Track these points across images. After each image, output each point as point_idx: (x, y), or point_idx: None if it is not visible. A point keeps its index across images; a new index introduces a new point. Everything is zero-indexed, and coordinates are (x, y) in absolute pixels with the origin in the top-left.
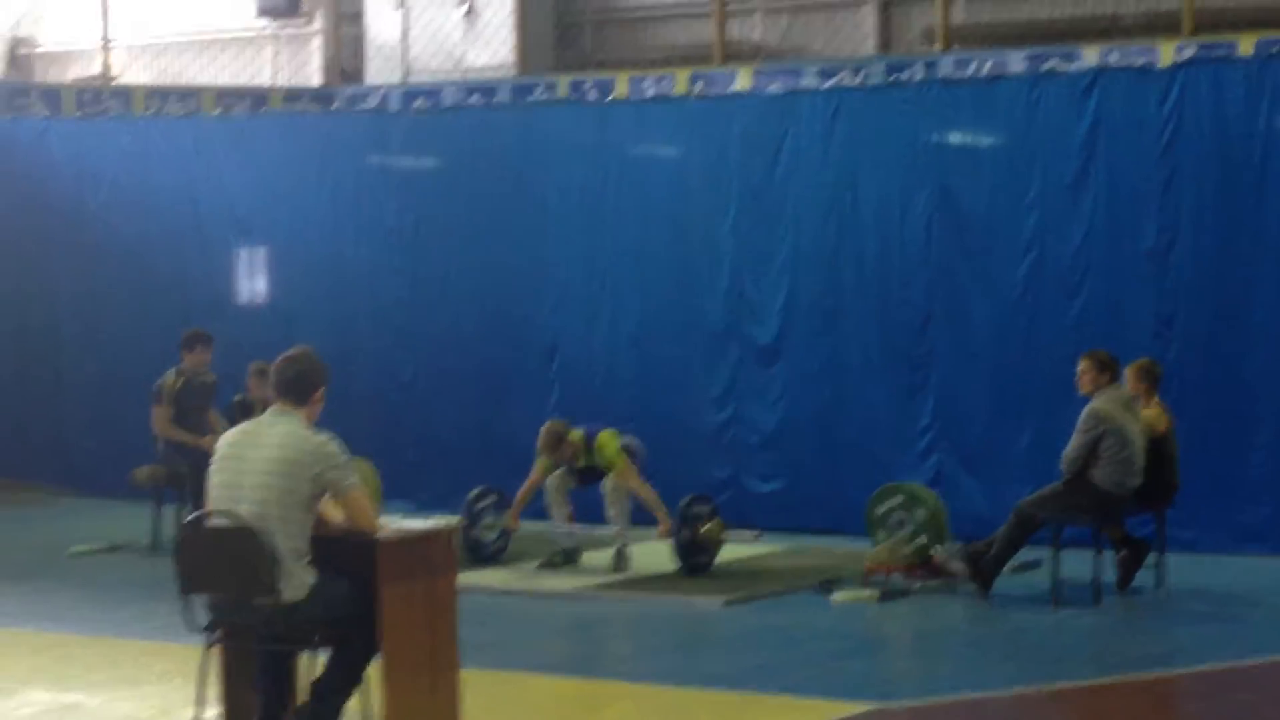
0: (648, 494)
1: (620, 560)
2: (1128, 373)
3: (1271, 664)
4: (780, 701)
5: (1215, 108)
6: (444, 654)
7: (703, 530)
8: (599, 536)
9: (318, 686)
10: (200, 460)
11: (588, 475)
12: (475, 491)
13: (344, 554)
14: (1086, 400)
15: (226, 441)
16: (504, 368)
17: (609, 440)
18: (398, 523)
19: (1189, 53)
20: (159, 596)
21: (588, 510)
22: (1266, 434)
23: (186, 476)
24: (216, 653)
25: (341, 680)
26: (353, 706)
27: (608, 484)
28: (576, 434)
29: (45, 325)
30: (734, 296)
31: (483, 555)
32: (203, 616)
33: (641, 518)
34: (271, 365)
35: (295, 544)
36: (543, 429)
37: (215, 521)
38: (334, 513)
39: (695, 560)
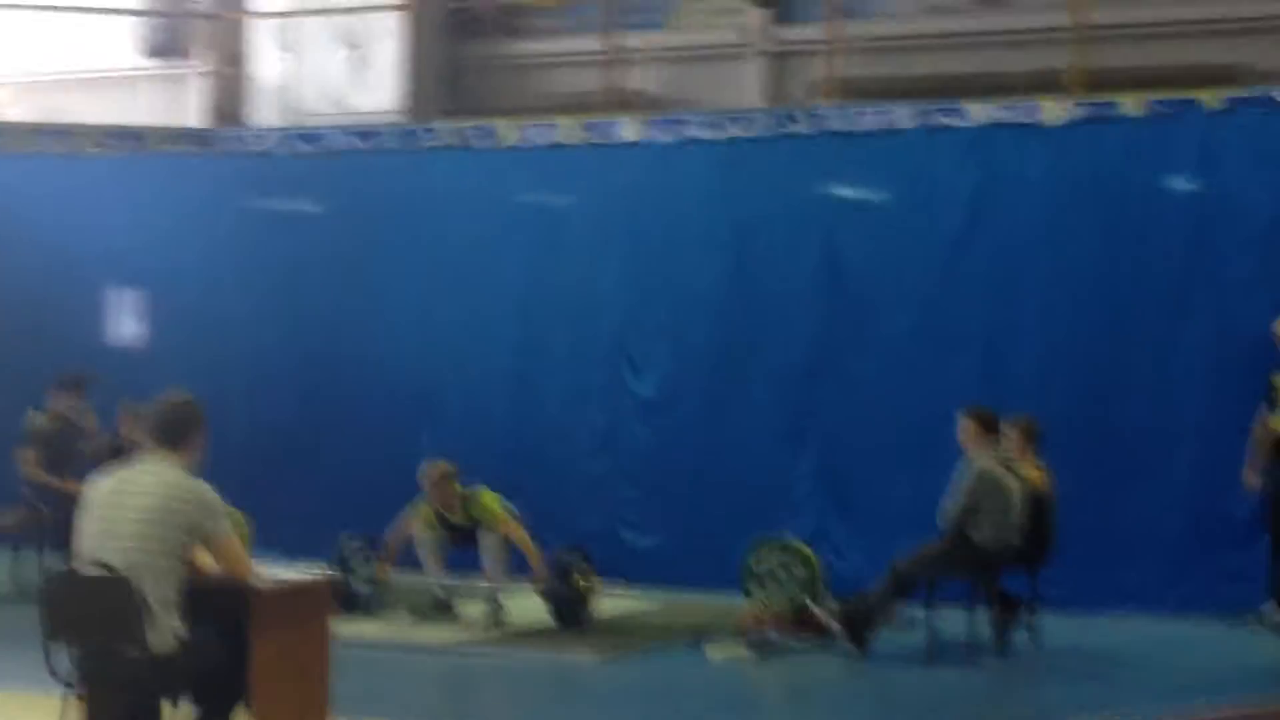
0: (527, 545)
1: (494, 611)
2: (1007, 429)
3: None
4: None
5: (1101, 166)
6: (314, 706)
7: (578, 582)
8: (473, 588)
9: None
10: (65, 505)
11: (460, 534)
12: (344, 537)
13: (215, 602)
14: (964, 454)
15: (98, 488)
16: (380, 415)
17: (491, 497)
18: (274, 571)
19: (1077, 112)
20: (20, 646)
21: (464, 563)
22: (1142, 492)
23: (49, 521)
24: (78, 704)
25: None
26: None
27: (486, 538)
28: (457, 486)
29: None
30: (616, 348)
31: (354, 604)
32: (65, 666)
33: (517, 569)
34: (148, 409)
35: (166, 593)
36: (428, 467)
37: (84, 569)
38: (208, 560)
39: (568, 611)
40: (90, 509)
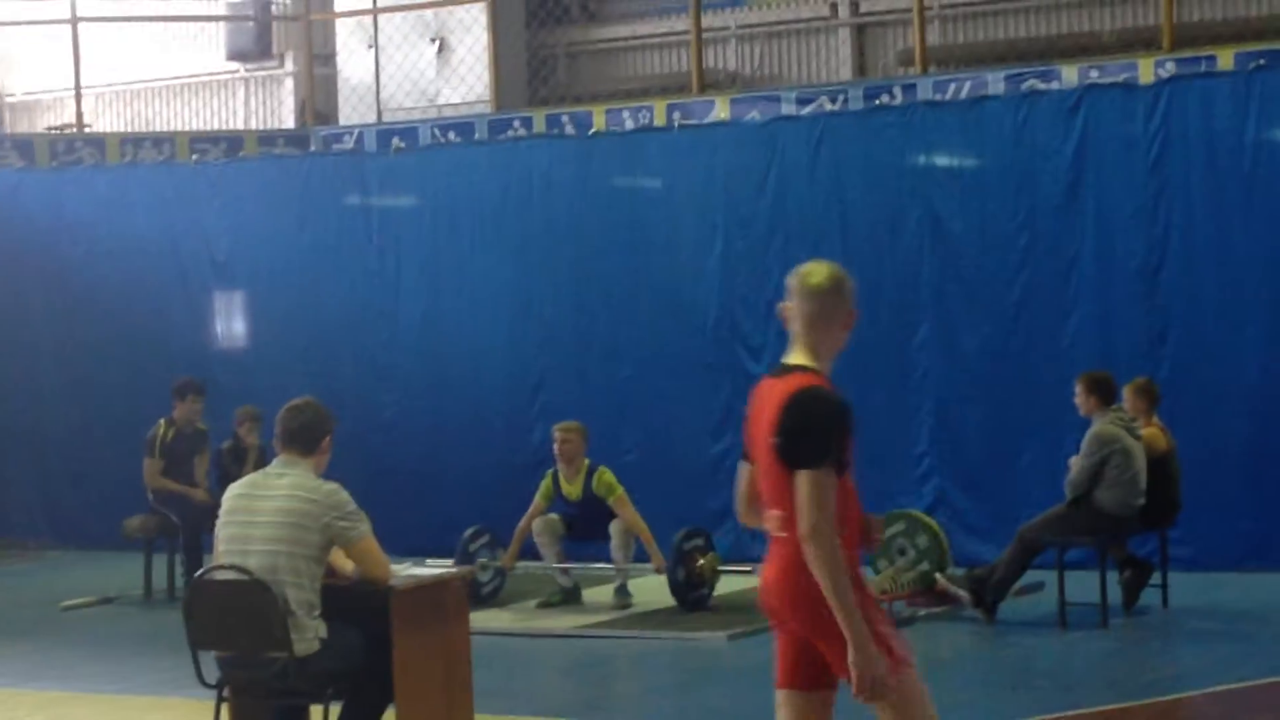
0: (642, 528)
1: (622, 596)
2: (1126, 393)
3: None
4: None
5: (1202, 122)
6: (459, 702)
7: (698, 565)
8: (597, 574)
9: None
10: (190, 511)
11: (574, 513)
12: (469, 532)
13: (355, 604)
14: (1086, 420)
15: (234, 494)
16: (489, 407)
17: (611, 474)
18: (408, 570)
19: (1169, 69)
20: (158, 649)
21: (583, 554)
22: (1261, 448)
23: (178, 527)
24: (228, 709)
25: None
26: None
27: (615, 525)
28: (583, 447)
29: (26, 378)
30: (725, 327)
31: (479, 596)
32: (212, 672)
33: (638, 554)
34: (272, 414)
35: (306, 596)
36: (567, 426)
37: (224, 575)
38: (344, 562)
39: (692, 595)
40: (226, 516)
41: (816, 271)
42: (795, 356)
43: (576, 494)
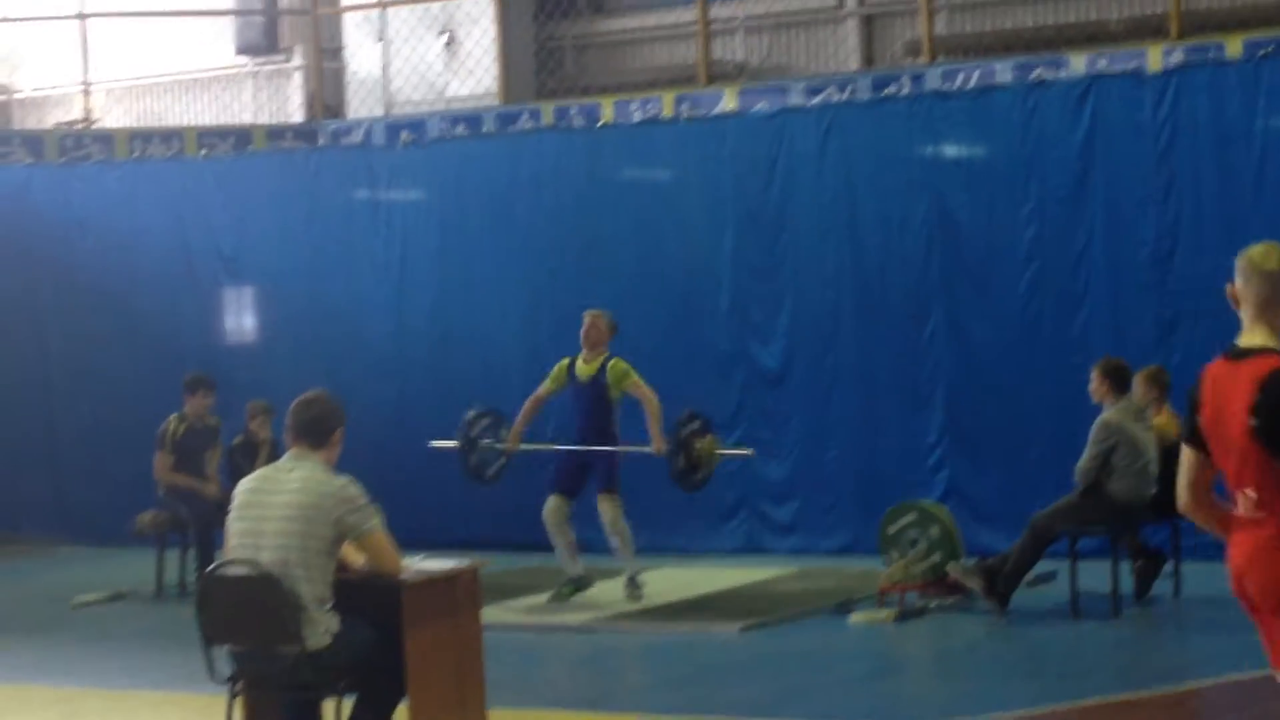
0: (653, 407)
1: (633, 588)
2: (1137, 381)
3: None
4: None
5: (1211, 110)
6: (471, 695)
7: (697, 448)
8: (606, 568)
9: None
10: (201, 506)
11: (580, 398)
12: (471, 414)
13: (366, 597)
14: (1097, 409)
15: (245, 488)
16: (500, 400)
17: (622, 361)
18: (419, 563)
19: (1177, 57)
20: (170, 644)
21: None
22: None
23: (189, 522)
24: (240, 703)
25: None
26: None
27: (605, 514)
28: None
29: (36, 373)
30: (737, 319)
31: (484, 478)
32: (225, 666)
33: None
34: (288, 409)
35: (318, 590)
36: (596, 311)
37: (236, 570)
38: (355, 556)
39: (691, 479)
40: (238, 510)
41: (1269, 254)
42: (1254, 338)
43: (589, 373)
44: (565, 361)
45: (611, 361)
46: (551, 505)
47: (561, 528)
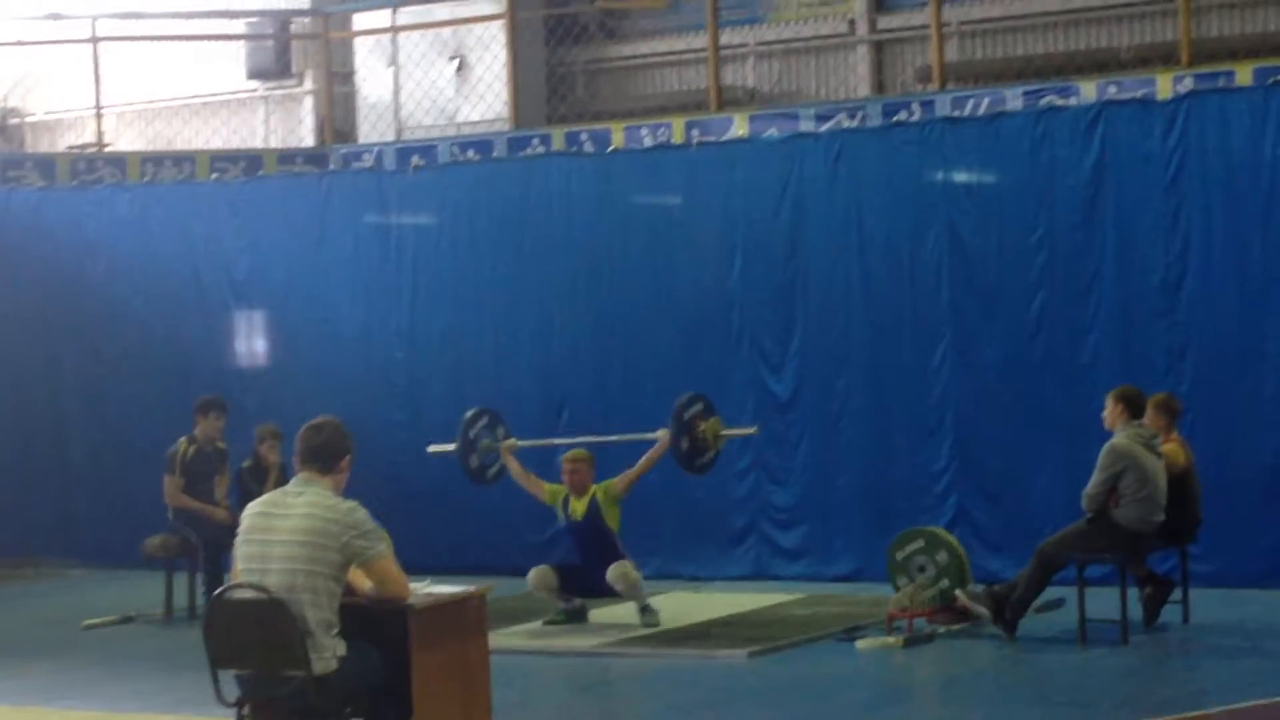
0: (641, 466)
1: (648, 615)
2: (1146, 408)
3: None
4: None
5: (1220, 137)
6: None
7: (700, 430)
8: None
9: None
10: (211, 530)
11: (579, 536)
12: (470, 414)
13: (374, 622)
14: (1106, 436)
15: (252, 512)
16: (511, 425)
17: (603, 485)
18: (426, 589)
19: (1187, 84)
20: (178, 668)
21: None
22: None
23: (198, 546)
24: None
25: None
26: None
27: (613, 571)
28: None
29: (47, 396)
30: (747, 344)
31: (485, 479)
32: (232, 690)
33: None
34: (296, 434)
35: (324, 614)
36: (575, 456)
37: (243, 594)
38: (362, 581)
39: (697, 462)
40: (245, 534)
41: None
42: None
43: (583, 511)
44: (563, 490)
45: (598, 492)
46: (538, 575)
47: (550, 594)
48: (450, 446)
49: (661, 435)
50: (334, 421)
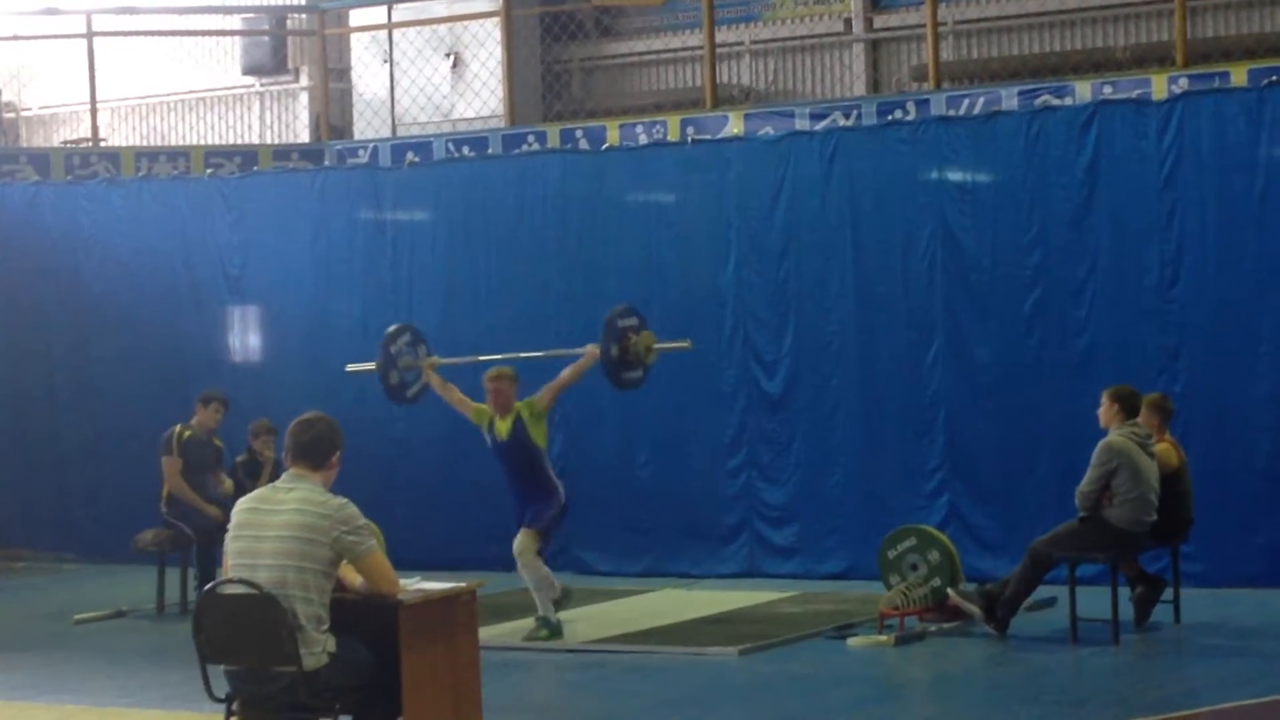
0: (565, 377)
1: (539, 626)
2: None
3: None
4: None
5: (1215, 138)
6: (468, 716)
7: (632, 342)
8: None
9: None
10: (204, 524)
11: (503, 456)
12: (391, 329)
13: (363, 618)
14: (1098, 436)
15: (243, 508)
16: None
17: (526, 403)
18: (417, 584)
19: (1182, 84)
20: (169, 663)
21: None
22: (1275, 464)
23: (191, 540)
24: None
25: None
26: None
27: (517, 543)
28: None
29: (42, 390)
30: (740, 342)
31: (405, 398)
32: (222, 686)
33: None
34: (286, 429)
35: (315, 610)
36: (497, 374)
37: (233, 589)
38: (353, 576)
39: (625, 375)
40: (235, 530)
41: None
42: None
43: (506, 432)
44: (489, 414)
45: (522, 410)
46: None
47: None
48: (370, 365)
49: (590, 349)
50: (324, 417)
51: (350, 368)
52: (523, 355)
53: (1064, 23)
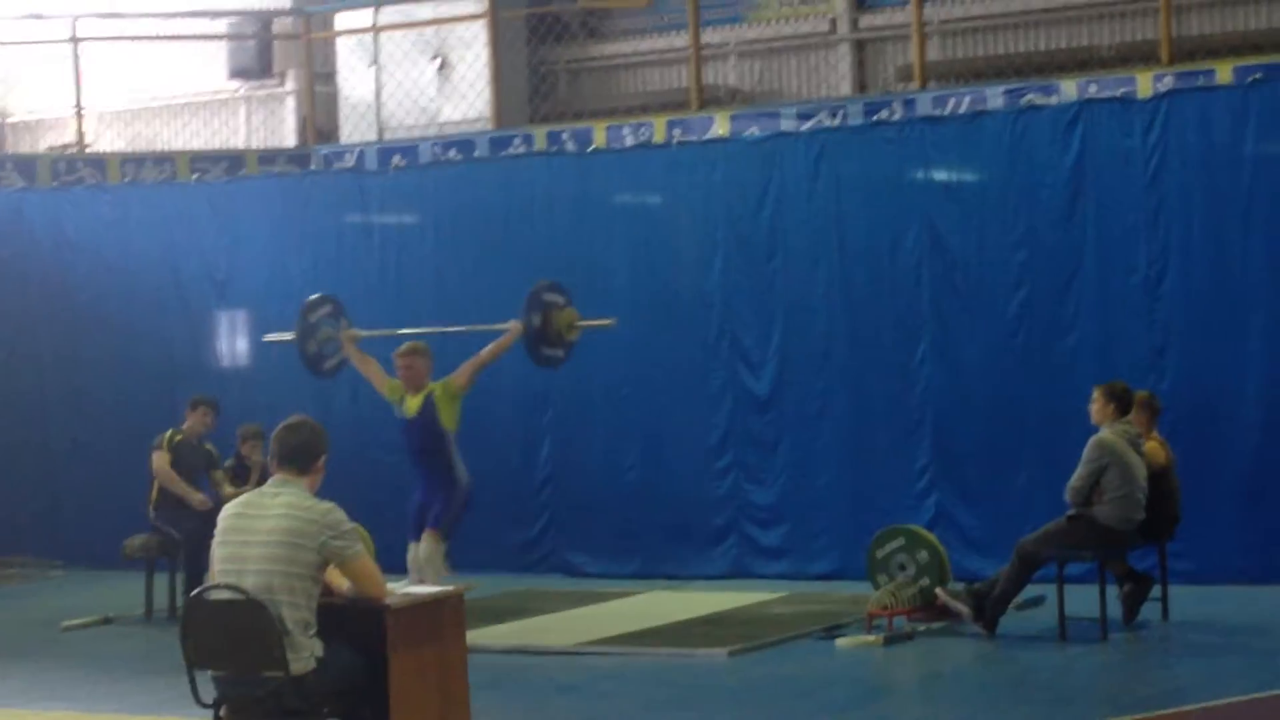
0: (485, 354)
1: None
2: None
3: None
4: None
5: (1201, 136)
6: None
7: (555, 316)
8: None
9: None
10: (193, 528)
11: (411, 433)
12: (311, 298)
13: (351, 622)
14: (1086, 435)
15: (229, 513)
16: (494, 424)
17: (439, 384)
18: (404, 588)
19: (1167, 82)
20: (157, 669)
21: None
22: (1261, 462)
23: (180, 545)
24: None
25: None
26: None
27: (422, 550)
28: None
29: (31, 396)
30: (727, 343)
31: (322, 370)
32: (209, 691)
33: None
34: (272, 434)
35: (302, 615)
36: (410, 349)
37: (220, 595)
38: (340, 581)
39: (545, 352)
40: (222, 535)
41: None
42: None
43: (415, 409)
44: (400, 388)
45: (436, 389)
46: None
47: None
48: (288, 335)
49: (513, 325)
50: (310, 421)
51: (268, 337)
52: (445, 329)
53: (1049, 21)
